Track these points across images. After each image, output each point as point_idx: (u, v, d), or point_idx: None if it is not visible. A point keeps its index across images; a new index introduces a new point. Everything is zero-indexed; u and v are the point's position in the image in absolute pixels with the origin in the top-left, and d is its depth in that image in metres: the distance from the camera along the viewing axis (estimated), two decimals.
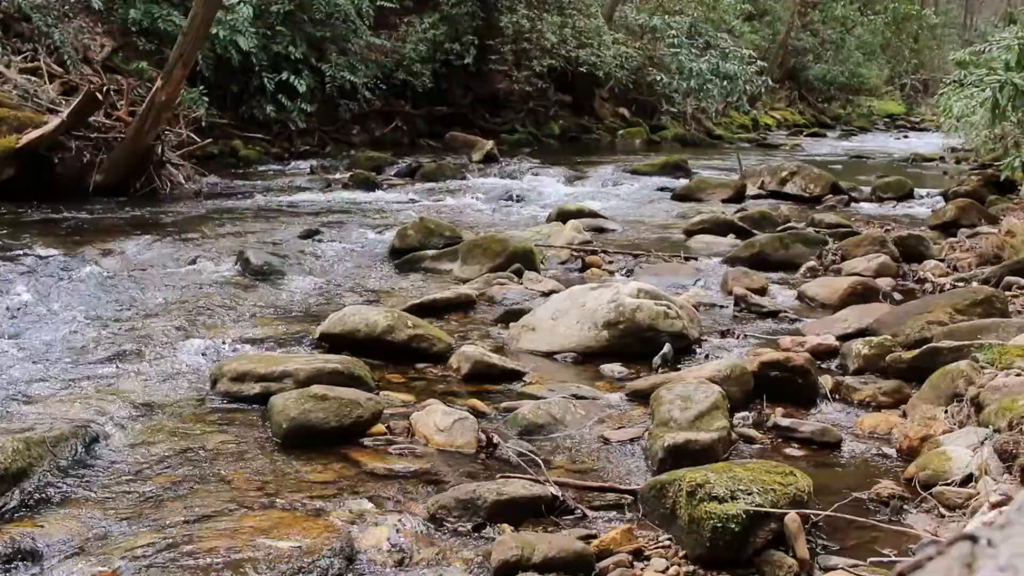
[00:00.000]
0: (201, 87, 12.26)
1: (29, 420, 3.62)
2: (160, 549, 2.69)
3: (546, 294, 5.66)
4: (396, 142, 15.53)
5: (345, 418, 3.50)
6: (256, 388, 3.91)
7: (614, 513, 3.00)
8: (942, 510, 3.00)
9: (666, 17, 20.58)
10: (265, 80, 13.60)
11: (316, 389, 3.58)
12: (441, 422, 3.49)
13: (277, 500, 3.05)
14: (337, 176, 11.87)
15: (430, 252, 6.65)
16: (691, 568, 2.62)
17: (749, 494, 2.67)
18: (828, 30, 29.22)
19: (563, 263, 6.82)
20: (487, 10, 16.16)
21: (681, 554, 2.67)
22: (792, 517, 2.66)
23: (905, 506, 3.07)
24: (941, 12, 35.82)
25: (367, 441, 3.51)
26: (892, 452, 3.56)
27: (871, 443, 3.66)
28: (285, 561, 2.60)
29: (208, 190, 10.26)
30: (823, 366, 4.50)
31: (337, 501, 3.05)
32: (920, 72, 35.09)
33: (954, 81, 12.18)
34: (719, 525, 2.61)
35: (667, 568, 2.60)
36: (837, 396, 4.13)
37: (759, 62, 20.82)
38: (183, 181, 10.20)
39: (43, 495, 3.04)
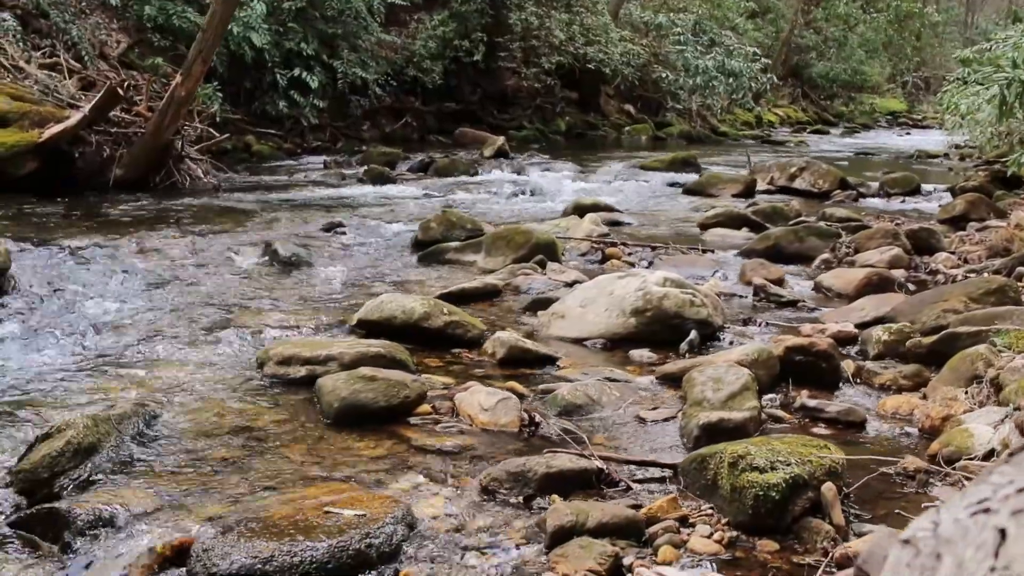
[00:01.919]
0: (215, 83, 12.41)
1: (89, 400, 3.79)
2: (232, 517, 2.84)
3: (569, 284, 5.82)
4: (406, 138, 15.70)
5: (393, 398, 3.66)
6: (302, 371, 4.07)
7: (656, 486, 3.16)
8: (966, 484, 3.17)
9: (671, 15, 20.75)
10: (278, 76, 13.76)
11: (365, 371, 3.74)
12: (485, 402, 3.65)
13: (335, 473, 3.21)
14: (351, 171, 12.02)
15: (453, 244, 6.81)
16: (734, 534, 2.78)
17: (788, 465, 2.84)
18: (831, 28, 29.40)
19: (583, 255, 6.99)
20: (496, 7, 16.32)
21: (724, 521, 2.84)
22: (828, 486, 2.82)
23: (931, 480, 3.24)
24: (943, 10, 35.97)
25: (414, 420, 3.68)
26: (914, 431, 3.73)
27: (894, 423, 3.83)
28: (352, 528, 2.75)
29: (226, 185, 10.41)
30: (843, 352, 4.66)
31: (392, 475, 3.22)
32: (922, 70, 35.27)
33: (958, 79, 12.35)
34: (760, 493, 2.78)
35: (711, 534, 2.76)
36: (859, 380, 4.30)
37: (763, 59, 20.99)
38: (202, 176, 10.35)
39: (113, 468, 3.20)
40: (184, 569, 2.64)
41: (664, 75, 19.58)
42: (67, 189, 9.05)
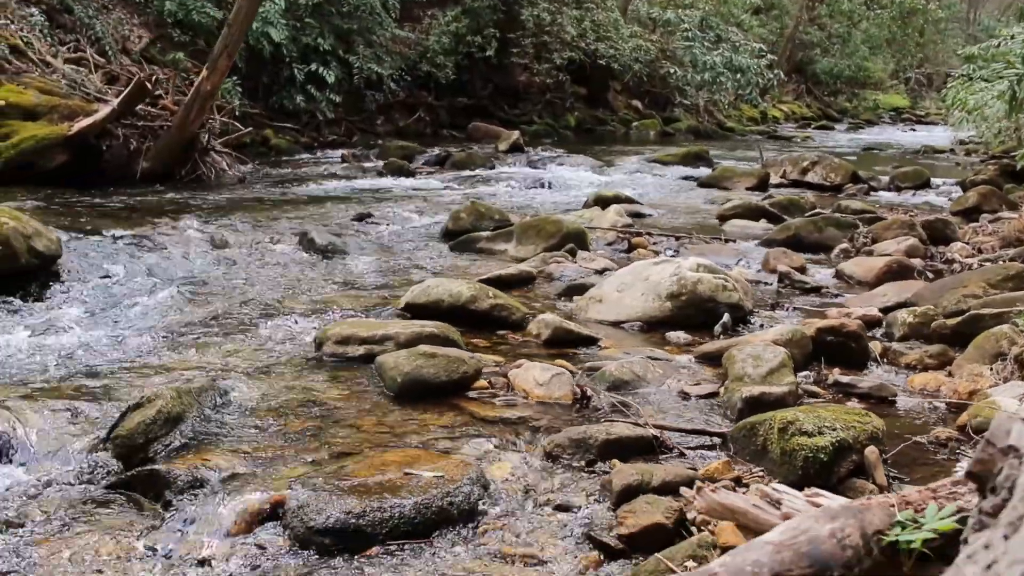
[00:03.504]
0: (234, 78, 12.61)
1: (158, 376, 4.01)
2: (318, 478, 3.06)
3: (600, 272, 6.06)
4: (419, 132, 15.92)
5: (453, 373, 3.88)
6: (360, 350, 4.29)
7: (706, 452, 3.39)
8: None
9: (678, 11, 20.95)
10: (295, 71, 13.97)
11: (424, 348, 3.96)
12: (540, 377, 3.88)
13: (406, 440, 3.43)
14: (369, 164, 12.26)
15: (484, 233, 7.04)
16: None
17: (834, 430, 3.06)
18: (835, 24, 29.63)
19: (609, 244, 7.22)
20: (508, 3, 16.53)
21: (774, 482, 3.06)
22: (871, 449, 3.05)
23: (961, 448, 3.47)
24: (945, 6, 36.14)
25: (472, 394, 3.90)
26: (942, 406, 3.96)
27: (922, 398, 4.05)
28: (433, 487, 2.97)
29: (251, 178, 10.63)
30: (869, 334, 4.89)
31: (459, 442, 3.44)
32: (924, 66, 35.49)
33: (962, 75, 12.58)
34: (810, 455, 3.00)
35: None
36: (886, 360, 4.53)
37: (769, 55, 21.20)
38: (226, 168, 10.57)
39: (199, 435, 3.43)
40: (280, 524, 2.86)
41: (672, 71, 19.79)
42: (95, 182, 9.23)
